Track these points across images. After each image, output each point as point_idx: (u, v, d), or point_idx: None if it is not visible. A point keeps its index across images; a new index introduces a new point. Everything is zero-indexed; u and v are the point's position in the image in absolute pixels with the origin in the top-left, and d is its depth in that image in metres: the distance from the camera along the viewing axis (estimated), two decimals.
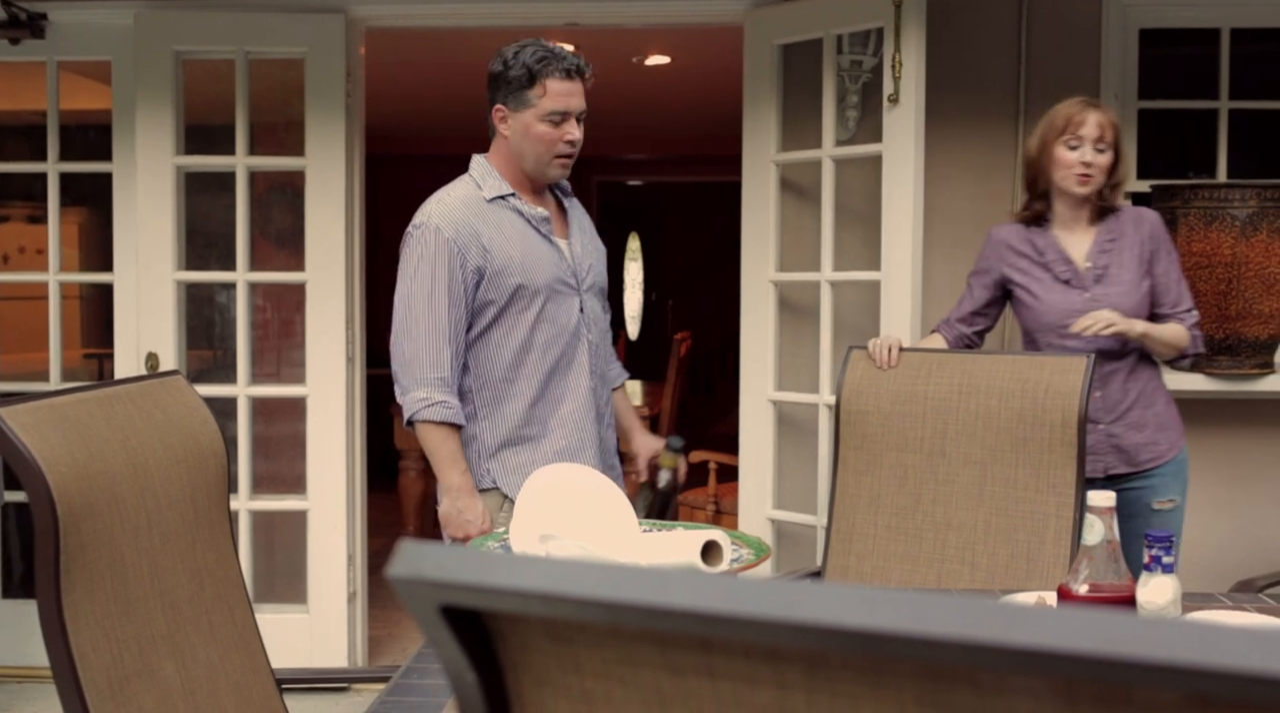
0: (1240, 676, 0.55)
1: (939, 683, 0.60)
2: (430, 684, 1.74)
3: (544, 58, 2.65)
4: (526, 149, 2.69)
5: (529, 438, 2.69)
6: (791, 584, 0.56)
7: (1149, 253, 3.04)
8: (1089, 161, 2.96)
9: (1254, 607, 2.28)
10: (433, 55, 6.70)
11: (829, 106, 3.82)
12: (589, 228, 2.90)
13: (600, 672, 0.64)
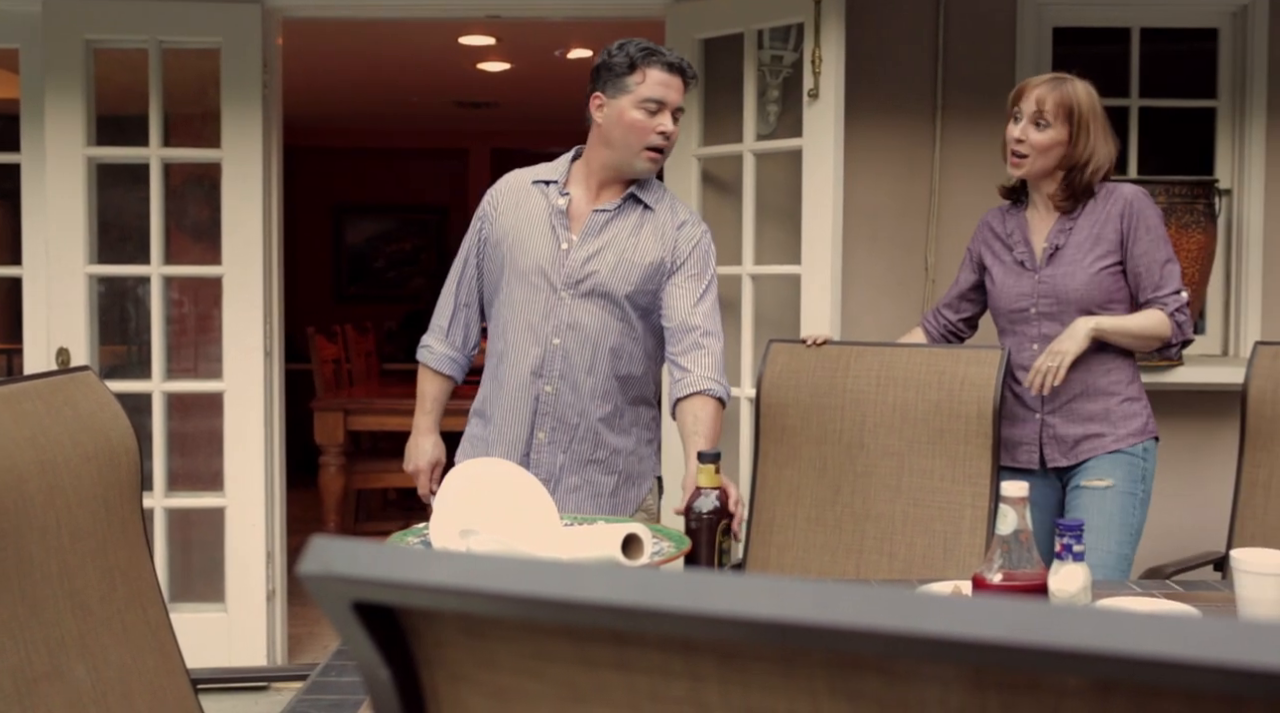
0: (1141, 660, 0.56)
1: (850, 672, 0.61)
2: (348, 682, 1.72)
3: (648, 49, 2.69)
4: (617, 136, 2.68)
5: (481, 414, 2.83)
6: (703, 577, 0.56)
7: (1117, 233, 2.85)
8: (1019, 138, 2.84)
9: (1162, 593, 2.34)
10: (352, 46, 6.63)
11: (750, 101, 3.84)
12: (649, 241, 2.70)
13: (515, 667, 0.64)
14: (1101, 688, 0.61)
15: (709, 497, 2.19)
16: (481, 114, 8.87)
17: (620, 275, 2.67)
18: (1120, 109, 4.15)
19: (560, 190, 2.73)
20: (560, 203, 2.71)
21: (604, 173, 2.73)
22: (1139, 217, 2.84)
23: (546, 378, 2.69)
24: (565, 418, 2.70)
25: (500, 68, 7.13)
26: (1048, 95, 2.82)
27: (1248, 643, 0.56)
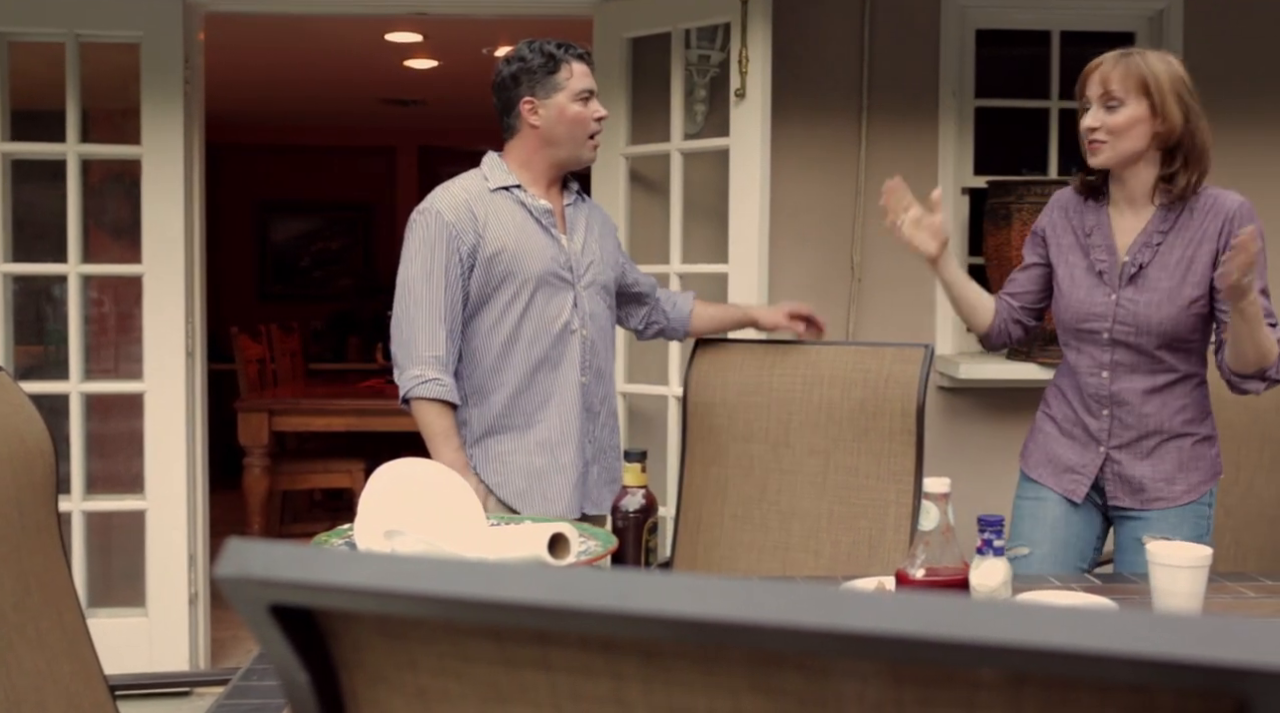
0: (1051, 652, 0.57)
1: (770, 669, 0.61)
2: (270, 686, 1.70)
3: (559, 44, 2.74)
4: (562, 132, 2.74)
5: (512, 428, 2.73)
6: (624, 575, 0.56)
7: (1209, 255, 2.46)
8: (1093, 125, 2.48)
9: (1081, 587, 2.38)
10: (277, 42, 6.54)
11: (677, 100, 3.85)
12: (604, 228, 2.92)
13: (436, 668, 0.64)
14: (1015, 681, 0.62)
15: (635, 495, 2.20)
16: (409, 112, 8.80)
17: (606, 262, 2.85)
18: (1041, 110, 4.22)
19: (527, 192, 2.76)
20: (544, 203, 2.75)
21: (552, 172, 2.79)
22: (1236, 228, 2.44)
23: (583, 370, 2.76)
24: (593, 407, 2.79)
25: (428, 65, 7.08)
26: (1111, 72, 2.46)
27: (1155, 635, 0.57)
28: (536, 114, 2.73)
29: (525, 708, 0.63)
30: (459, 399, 2.68)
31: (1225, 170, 4.10)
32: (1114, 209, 2.57)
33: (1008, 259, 3.80)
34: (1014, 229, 3.78)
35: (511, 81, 2.75)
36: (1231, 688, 0.59)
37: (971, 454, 4.03)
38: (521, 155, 2.77)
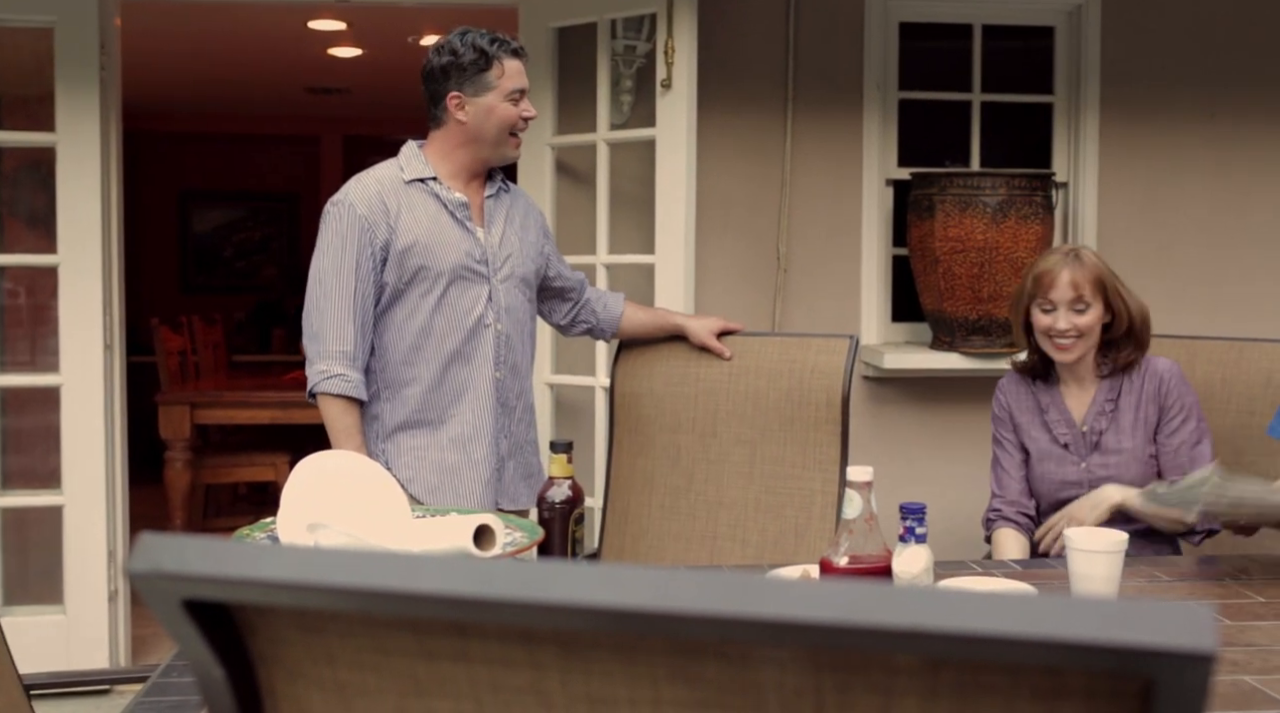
0: (965, 637, 0.58)
1: (689, 657, 0.61)
2: (190, 682, 1.68)
3: (494, 40, 2.69)
4: (489, 131, 2.70)
5: (425, 423, 2.70)
6: (542, 566, 0.56)
7: (1155, 415, 2.71)
8: (1063, 328, 2.66)
9: (1001, 572, 2.42)
10: (198, 29, 6.43)
11: (603, 91, 3.84)
12: (527, 220, 2.87)
13: (354, 661, 0.63)
14: (931, 665, 0.63)
15: (561, 486, 2.20)
16: (333, 100, 8.69)
17: (526, 255, 2.81)
18: (963, 103, 4.27)
19: (443, 184, 2.72)
20: (459, 197, 2.71)
21: (474, 166, 2.76)
22: (1176, 397, 2.72)
23: (497, 365, 2.73)
24: (508, 402, 2.76)
25: (352, 53, 7.00)
26: (1080, 278, 2.66)
27: (1064, 618, 0.58)
28: (464, 110, 2.69)
29: (444, 701, 0.63)
30: (367, 395, 2.66)
31: (1140, 163, 4.18)
32: (1063, 386, 2.78)
33: (931, 250, 3.85)
34: (937, 220, 3.82)
35: (441, 74, 2.70)
36: (1138, 669, 0.60)
37: (897, 443, 4.07)
38: (443, 148, 2.74)
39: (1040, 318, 2.69)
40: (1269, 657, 1.92)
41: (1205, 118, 4.19)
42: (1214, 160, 4.20)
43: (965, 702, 0.64)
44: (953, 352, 3.93)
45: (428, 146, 2.77)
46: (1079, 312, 2.66)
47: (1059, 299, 2.66)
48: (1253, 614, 2.16)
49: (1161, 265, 4.14)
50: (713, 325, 3.00)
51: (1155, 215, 4.19)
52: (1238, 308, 4.14)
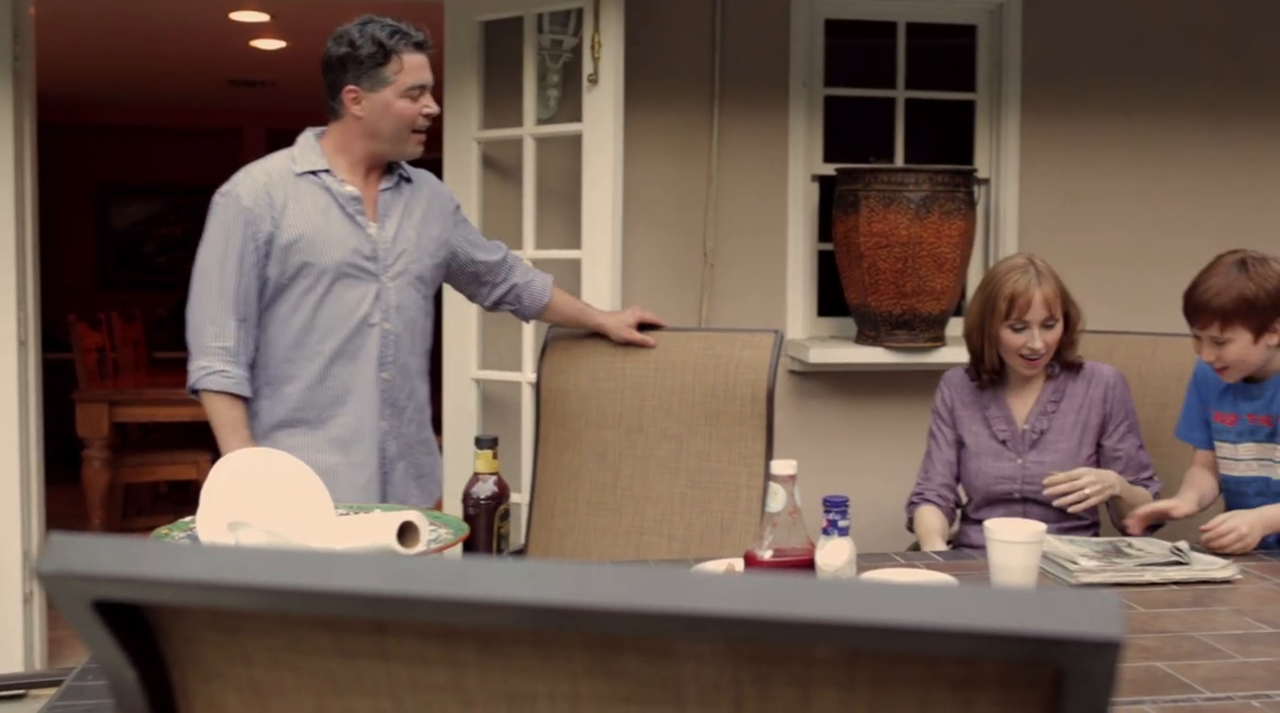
0: (881, 628, 0.59)
1: (608, 652, 0.61)
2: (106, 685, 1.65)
3: (394, 32, 2.60)
4: (386, 127, 2.63)
5: (305, 422, 2.65)
6: (458, 562, 0.56)
7: (1098, 419, 2.79)
8: (1038, 348, 2.71)
9: (924, 564, 2.45)
10: (117, 20, 6.31)
11: (530, 85, 3.83)
12: (430, 212, 2.78)
13: (270, 661, 0.63)
14: (848, 657, 0.63)
15: (486, 482, 2.19)
16: (256, 93, 8.58)
17: (423, 251, 2.74)
18: (887, 100, 4.32)
19: (336, 177, 2.65)
20: (350, 190, 2.64)
21: (370, 160, 2.69)
22: (1119, 402, 2.80)
23: (384, 365, 2.67)
24: (397, 402, 2.71)
25: (275, 45, 6.91)
26: (1050, 294, 2.71)
27: (978, 609, 0.59)
28: (359, 105, 2.62)
29: (363, 699, 0.63)
30: (250, 390, 2.62)
31: (1059, 159, 4.26)
32: (1009, 385, 2.84)
33: (855, 245, 3.88)
34: (861, 216, 3.86)
35: (337, 65, 2.63)
36: (1049, 657, 0.61)
37: (822, 437, 4.11)
38: (340, 140, 2.67)
39: (1012, 337, 2.72)
40: (1181, 643, 1.97)
41: (1122, 114, 4.27)
42: (1131, 156, 4.28)
43: (883, 693, 0.65)
44: (877, 346, 3.97)
45: (325, 137, 2.70)
46: (1048, 327, 2.72)
47: (1033, 319, 2.70)
48: (1165, 602, 2.21)
49: (1081, 259, 4.21)
50: (629, 318, 3.00)
51: (1074, 210, 4.27)
52: (1156, 299, 4.22)
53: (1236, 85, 4.31)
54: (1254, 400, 2.68)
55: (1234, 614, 2.13)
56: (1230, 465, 2.73)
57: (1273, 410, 2.65)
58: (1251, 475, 2.70)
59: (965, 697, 0.65)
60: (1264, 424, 2.66)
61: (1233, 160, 4.32)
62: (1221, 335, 2.59)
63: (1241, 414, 2.70)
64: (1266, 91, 4.32)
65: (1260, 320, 2.58)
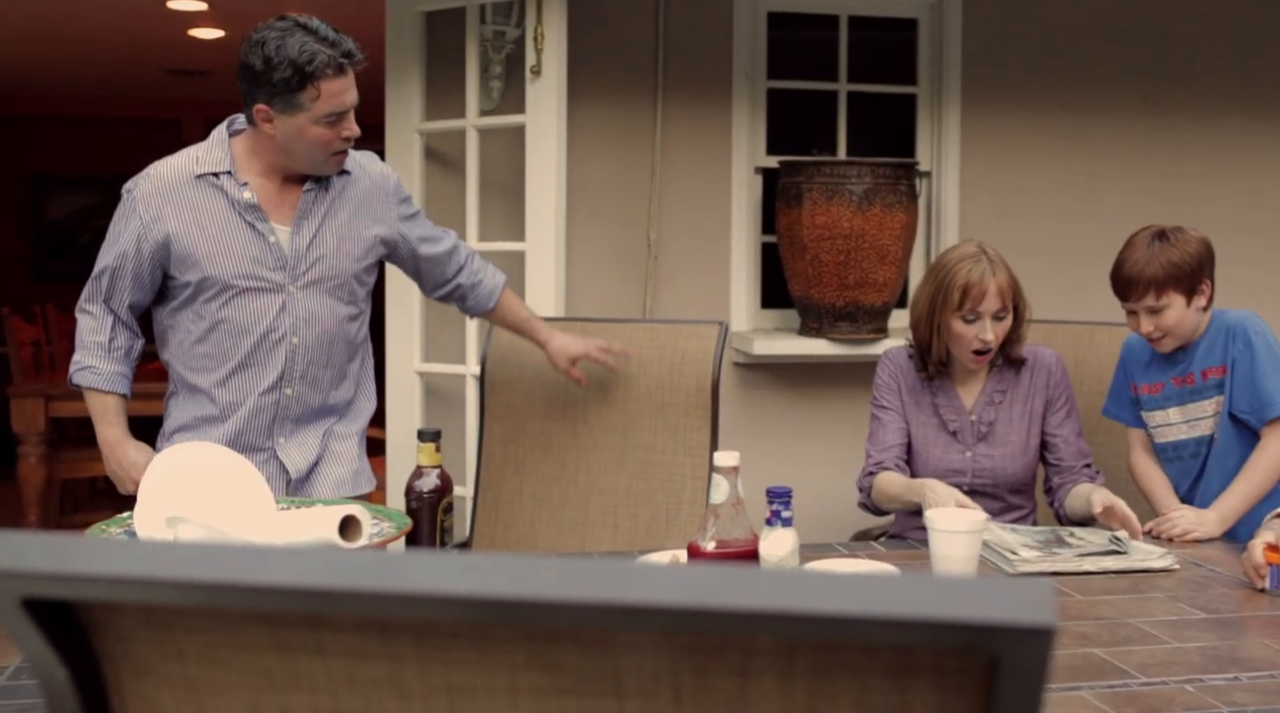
0: (818, 618, 0.59)
1: (547, 645, 0.61)
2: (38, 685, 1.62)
3: (312, 54, 2.35)
4: (299, 149, 2.45)
5: (197, 429, 2.58)
6: (394, 555, 0.55)
7: (1042, 406, 2.78)
8: (990, 340, 2.67)
9: (866, 554, 2.47)
10: (50, 8, 6.20)
11: (472, 77, 3.81)
12: (363, 208, 2.61)
13: (204, 657, 0.62)
14: (786, 646, 0.64)
15: (429, 476, 2.18)
16: (195, 83, 8.47)
17: (345, 255, 2.57)
18: (829, 93, 4.34)
19: (238, 181, 2.49)
20: (248, 196, 2.47)
21: (286, 171, 2.53)
22: (1061, 386, 2.79)
23: (288, 381, 2.55)
24: (304, 418, 2.59)
25: (213, 35, 6.82)
26: (1004, 285, 2.66)
27: (913, 598, 0.59)
28: (272, 124, 2.43)
29: (299, 695, 0.62)
30: (121, 386, 2.59)
31: (999, 152, 4.30)
32: (953, 377, 2.80)
33: (799, 237, 3.90)
34: (804, 208, 3.88)
35: (251, 77, 2.40)
36: (983, 644, 0.62)
37: (766, 428, 4.13)
38: (253, 145, 2.50)
39: (963, 328, 2.66)
40: (1117, 629, 2.00)
41: (1059, 109, 4.33)
42: (1068, 148, 4.34)
43: (820, 681, 0.65)
44: (820, 338, 3.99)
45: (239, 137, 2.53)
46: (1000, 320, 2.67)
47: (986, 310, 2.64)
48: (1102, 589, 2.24)
49: (1020, 250, 4.24)
50: (574, 351, 2.84)
51: (1013, 202, 4.32)
52: (1093, 289, 4.27)
53: (1169, 82, 4.38)
54: (1177, 365, 2.77)
55: (1169, 601, 2.17)
56: (1165, 432, 2.81)
57: (1193, 370, 2.74)
58: (1185, 438, 2.78)
59: (901, 684, 0.66)
60: (1188, 384, 2.75)
61: (1165, 153, 4.39)
62: (1157, 303, 2.65)
63: (1167, 380, 2.78)
64: (1197, 88, 4.40)
65: (1190, 283, 2.66)
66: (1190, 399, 2.76)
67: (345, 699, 0.63)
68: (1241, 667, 1.81)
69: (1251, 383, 2.67)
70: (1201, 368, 2.74)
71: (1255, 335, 2.69)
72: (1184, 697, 1.69)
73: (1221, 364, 2.71)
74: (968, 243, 2.76)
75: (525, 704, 0.64)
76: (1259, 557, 2.19)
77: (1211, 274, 2.72)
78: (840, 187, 3.85)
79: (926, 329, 2.72)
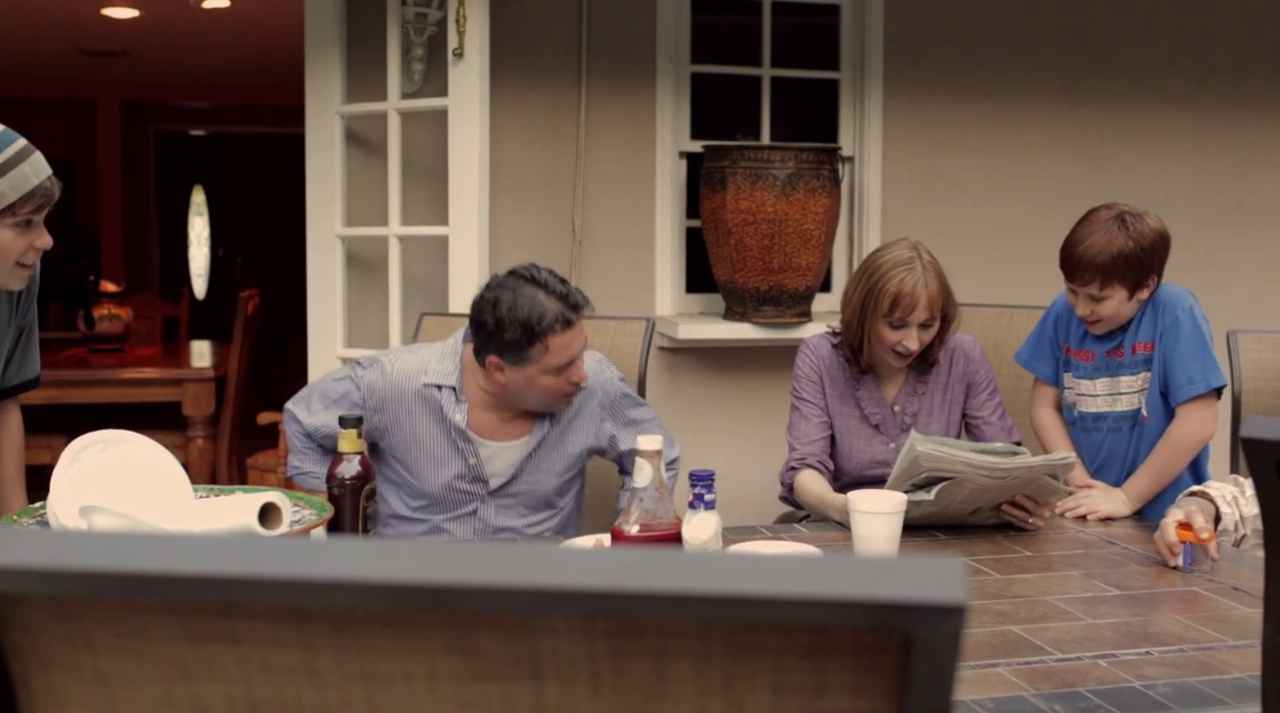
0: (732, 599, 0.60)
1: (465, 630, 0.61)
2: None
3: (541, 313, 2.41)
4: (530, 396, 2.52)
5: None
6: (306, 541, 0.55)
7: (962, 392, 2.80)
8: (913, 348, 2.67)
9: (790, 536, 2.49)
10: None
11: (394, 59, 3.77)
12: (567, 427, 2.65)
13: (114, 648, 0.61)
14: (703, 628, 0.64)
15: (351, 462, 2.16)
16: (109, 63, 8.28)
17: (546, 470, 2.63)
18: (753, 78, 4.35)
19: (459, 396, 2.55)
20: (458, 419, 2.55)
21: (513, 411, 2.59)
22: (979, 370, 2.80)
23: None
24: None
25: (128, 14, 6.67)
26: (934, 295, 2.64)
27: (826, 577, 0.60)
28: (502, 373, 2.49)
29: (212, 684, 0.61)
30: None
31: (921, 137, 4.35)
32: (876, 369, 2.79)
33: (723, 222, 3.92)
34: (729, 193, 3.89)
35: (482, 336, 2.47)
36: (897, 623, 0.63)
37: (692, 411, 4.14)
38: (485, 381, 2.58)
39: (888, 333, 2.65)
40: (1034, 607, 2.04)
41: (981, 95, 4.38)
42: (989, 135, 4.40)
43: (737, 662, 0.66)
44: (745, 322, 4.01)
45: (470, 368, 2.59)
46: (926, 327, 2.66)
47: (914, 320, 2.63)
48: (1019, 567, 2.29)
49: (941, 234, 4.30)
50: None
51: (935, 187, 4.37)
52: (1012, 272, 4.35)
53: (1088, 70, 4.46)
54: (1113, 339, 2.79)
55: (1084, 579, 2.21)
56: (1088, 402, 2.84)
57: (1124, 343, 2.77)
58: (1105, 411, 2.81)
59: (817, 663, 0.67)
60: (1117, 357, 2.78)
61: (1084, 140, 4.46)
62: (1100, 293, 2.66)
63: (1100, 351, 2.81)
64: (1115, 77, 4.48)
65: (1137, 277, 2.66)
66: (1117, 372, 2.79)
67: (260, 688, 0.62)
68: (1153, 642, 1.86)
69: (1173, 361, 2.70)
70: (1132, 342, 2.76)
71: (1183, 312, 2.70)
72: (1097, 672, 1.73)
73: (1151, 340, 2.74)
74: (901, 244, 2.71)
75: (444, 690, 0.64)
76: (1172, 535, 2.23)
77: (1161, 266, 2.70)
78: (764, 171, 3.87)
79: (858, 333, 2.70)
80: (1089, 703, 1.60)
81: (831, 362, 2.81)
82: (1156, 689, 1.66)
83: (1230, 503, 2.35)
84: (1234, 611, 2.02)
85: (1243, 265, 4.59)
